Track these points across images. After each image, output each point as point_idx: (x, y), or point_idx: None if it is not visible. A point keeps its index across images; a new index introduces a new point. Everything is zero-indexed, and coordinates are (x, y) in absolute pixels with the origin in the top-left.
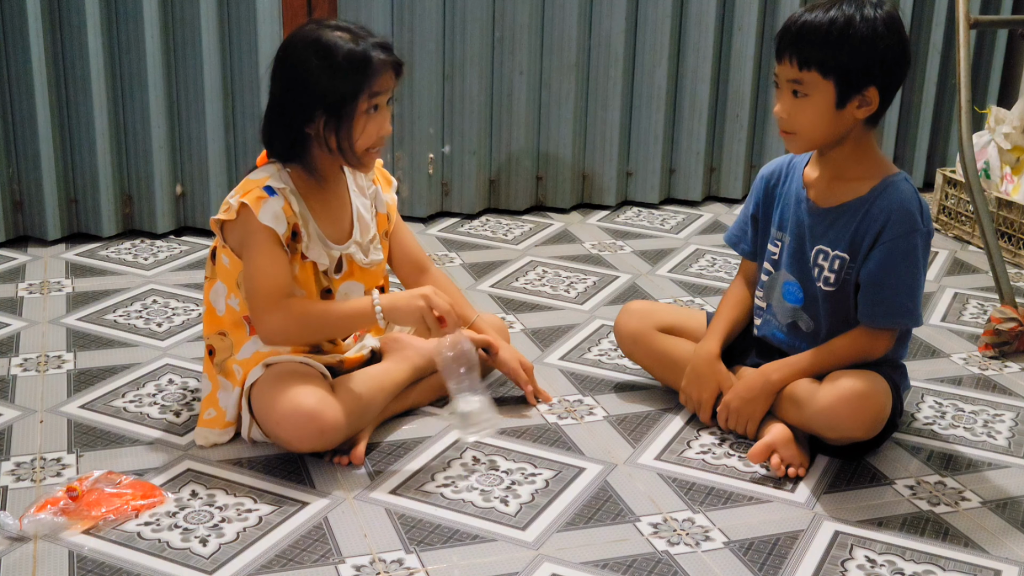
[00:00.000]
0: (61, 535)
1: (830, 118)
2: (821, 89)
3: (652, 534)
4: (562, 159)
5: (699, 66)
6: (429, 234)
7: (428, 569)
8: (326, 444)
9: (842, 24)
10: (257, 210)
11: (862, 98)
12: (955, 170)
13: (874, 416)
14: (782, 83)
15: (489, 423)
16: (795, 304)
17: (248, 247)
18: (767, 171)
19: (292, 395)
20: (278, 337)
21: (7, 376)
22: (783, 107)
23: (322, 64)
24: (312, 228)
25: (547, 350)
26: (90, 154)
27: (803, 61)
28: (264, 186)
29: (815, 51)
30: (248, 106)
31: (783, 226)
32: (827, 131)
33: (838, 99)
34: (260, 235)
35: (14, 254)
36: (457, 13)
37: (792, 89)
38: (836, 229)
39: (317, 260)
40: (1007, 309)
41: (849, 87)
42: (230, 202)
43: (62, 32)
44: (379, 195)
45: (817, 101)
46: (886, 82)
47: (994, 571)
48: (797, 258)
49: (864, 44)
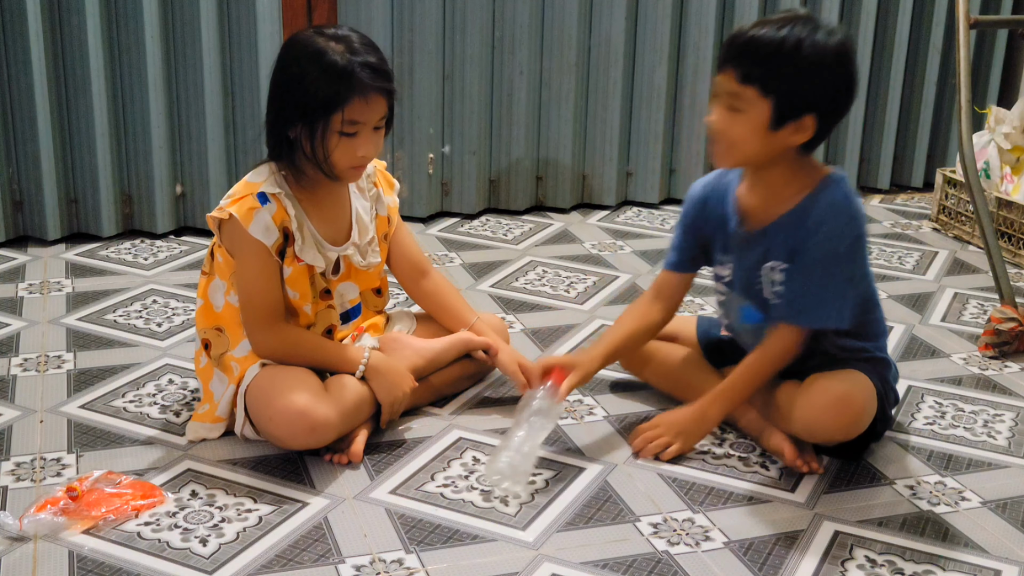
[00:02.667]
0: (61, 535)
1: (762, 137)
2: (758, 107)
3: (652, 534)
4: (562, 159)
5: (699, 66)
6: (429, 234)
7: (428, 569)
8: (317, 441)
9: (791, 46)
10: (247, 223)
11: (798, 124)
12: (955, 170)
13: (854, 417)
14: (720, 93)
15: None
16: (756, 323)
17: (238, 257)
18: (701, 193)
19: (285, 393)
20: (266, 354)
21: (7, 376)
22: (717, 118)
23: (303, 70)
24: (308, 230)
25: (547, 350)
26: (90, 154)
27: (745, 75)
28: (258, 192)
29: (758, 68)
30: (248, 106)
31: (727, 251)
32: (757, 150)
33: (773, 120)
34: (249, 247)
35: (14, 254)
36: (457, 13)
37: (729, 102)
38: (776, 243)
39: (312, 263)
40: (1007, 309)
41: (787, 110)
42: (223, 204)
43: (62, 32)
44: (380, 197)
45: (752, 118)
46: (826, 112)
47: (994, 571)
48: (745, 282)
49: (810, 71)
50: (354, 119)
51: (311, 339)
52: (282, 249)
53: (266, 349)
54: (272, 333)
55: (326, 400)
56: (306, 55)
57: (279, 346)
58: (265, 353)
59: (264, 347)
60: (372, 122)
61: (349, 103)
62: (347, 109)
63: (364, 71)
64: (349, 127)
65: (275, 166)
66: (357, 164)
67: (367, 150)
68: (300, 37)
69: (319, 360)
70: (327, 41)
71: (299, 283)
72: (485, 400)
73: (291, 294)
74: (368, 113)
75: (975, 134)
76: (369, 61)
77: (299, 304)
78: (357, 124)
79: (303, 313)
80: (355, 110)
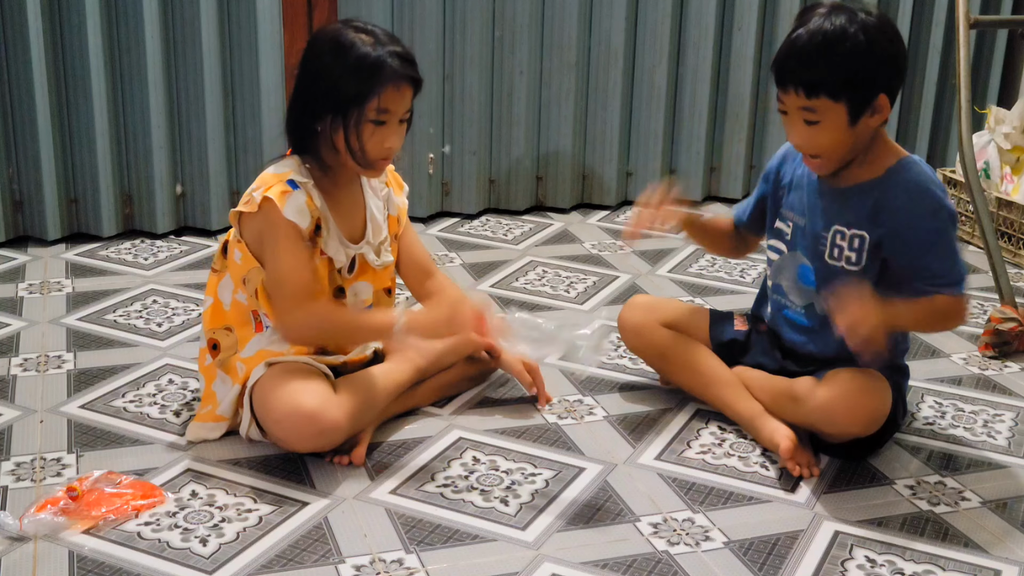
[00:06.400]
0: (61, 535)
1: (847, 136)
2: (833, 112)
3: (652, 534)
4: (562, 159)
5: (699, 66)
6: (429, 234)
7: (428, 569)
8: (326, 444)
9: (842, 43)
10: (282, 204)
11: (873, 108)
12: (955, 170)
13: (873, 412)
14: (791, 111)
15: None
16: (811, 286)
17: (270, 242)
18: (783, 151)
19: (293, 395)
20: (298, 336)
21: (7, 376)
22: (799, 136)
23: (334, 62)
24: (331, 224)
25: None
26: (90, 154)
27: (810, 90)
28: (288, 179)
29: (821, 78)
30: (248, 106)
31: (794, 207)
32: (847, 148)
33: (851, 117)
34: (283, 230)
35: (14, 254)
36: (457, 13)
37: (804, 117)
38: (854, 208)
39: (335, 256)
40: (1007, 309)
41: (860, 103)
42: (252, 195)
43: (62, 32)
44: (391, 197)
45: (831, 125)
46: (893, 85)
47: (994, 571)
48: (812, 240)
49: (867, 59)
50: (387, 107)
51: (342, 312)
52: (311, 239)
53: (299, 328)
54: (303, 311)
55: (335, 403)
56: (336, 47)
57: (314, 323)
58: (296, 334)
59: (296, 326)
60: (400, 113)
61: (383, 91)
62: (382, 97)
63: (395, 60)
64: (382, 115)
65: (299, 160)
66: (385, 155)
67: (394, 141)
68: (327, 30)
69: (351, 335)
70: (355, 33)
71: (320, 278)
72: (485, 400)
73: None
74: (399, 102)
75: (975, 134)
76: (398, 51)
77: None
78: (388, 112)
79: None
80: (388, 98)
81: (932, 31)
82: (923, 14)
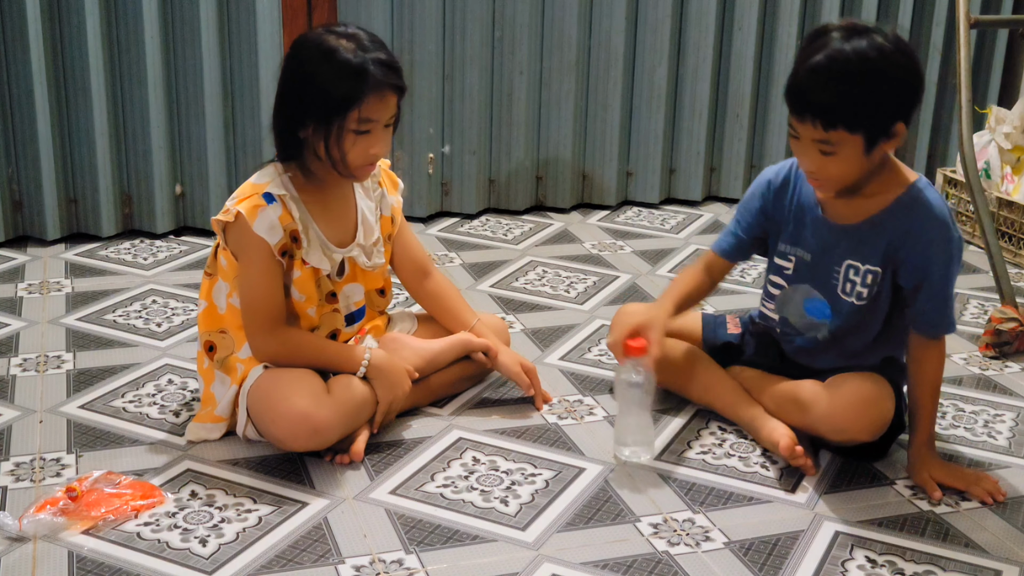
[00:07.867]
0: (61, 535)
1: (860, 164)
2: (850, 143)
3: (652, 534)
4: (562, 159)
5: (699, 66)
6: (429, 234)
7: (428, 569)
8: (320, 443)
9: (861, 73)
10: (252, 220)
11: (889, 135)
12: (955, 170)
13: (878, 419)
14: (804, 139)
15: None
16: (823, 320)
17: (243, 258)
18: (774, 179)
19: (287, 395)
20: (267, 359)
21: (7, 376)
22: (812, 164)
23: (317, 69)
24: (313, 232)
25: (547, 350)
26: (90, 154)
27: (828, 122)
28: (264, 192)
29: (840, 111)
30: (248, 106)
31: (798, 242)
32: (859, 174)
33: (867, 146)
34: (254, 248)
35: (14, 254)
36: (457, 13)
37: (819, 148)
38: (867, 244)
39: (318, 265)
40: (1007, 309)
41: (877, 133)
42: (228, 206)
43: (62, 32)
44: (384, 197)
45: (847, 154)
46: (910, 111)
47: (994, 571)
48: (821, 276)
49: (887, 89)
50: (369, 117)
51: (312, 341)
52: (289, 251)
53: (267, 353)
54: (273, 337)
55: (328, 402)
56: (318, 54)
57: (280, 350)
58: (266, 357)
59: (265, 351)
60: (384, 120)
61: (365, 101)
62: (363, 107)
63: (378, 68)
64: (364, 125)
65: (280, 167)
66: (370, 162)
67: (379, 148)
68: (309, 36)
69: (321, 362)
70: (337, 39)
71: (306, 286)
72: (485, 400)
73: (297, 296)
74: (382, 110)
75: (975, 134)
76: (381, 58)
77: (303, 307)
78: (371, 122)
79: (306, 316)
80: (370, 108)
81: (932, 31)
82: (923, 14)
